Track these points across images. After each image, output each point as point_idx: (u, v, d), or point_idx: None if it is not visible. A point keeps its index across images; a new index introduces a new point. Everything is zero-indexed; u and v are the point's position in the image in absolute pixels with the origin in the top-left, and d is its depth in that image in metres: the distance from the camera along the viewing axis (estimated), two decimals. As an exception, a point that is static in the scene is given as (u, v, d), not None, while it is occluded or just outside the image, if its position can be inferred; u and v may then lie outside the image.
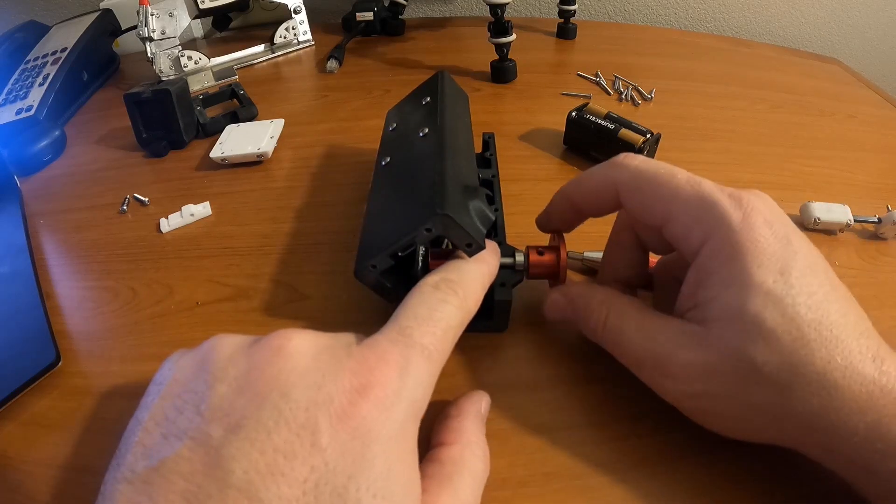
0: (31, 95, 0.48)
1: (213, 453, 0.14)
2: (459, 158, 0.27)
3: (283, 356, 0.16)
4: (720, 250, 0.20)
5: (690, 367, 0.19)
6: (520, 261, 0.26)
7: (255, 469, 0.14)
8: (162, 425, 0.16)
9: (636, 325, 0.22)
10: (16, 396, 0.24)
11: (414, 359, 0.17)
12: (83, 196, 0.39)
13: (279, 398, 0.15)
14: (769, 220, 0.20)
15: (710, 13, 0.78)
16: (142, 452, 0.15)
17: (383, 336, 0.18)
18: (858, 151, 0.45)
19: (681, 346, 0.20)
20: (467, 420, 0.21)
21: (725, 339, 0.19)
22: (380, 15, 0.64)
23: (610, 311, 0.23)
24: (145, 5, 0.51)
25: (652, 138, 0.38)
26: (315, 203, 0.37)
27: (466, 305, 0.21)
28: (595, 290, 0.24)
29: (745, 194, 0.20)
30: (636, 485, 0.21)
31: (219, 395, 0.16)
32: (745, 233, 0.19)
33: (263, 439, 0.14)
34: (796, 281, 0.18)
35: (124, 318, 0.29)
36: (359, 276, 0.25)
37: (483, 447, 0.20)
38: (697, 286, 0.20)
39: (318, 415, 0.15)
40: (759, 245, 0.19)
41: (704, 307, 0.20)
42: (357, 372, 0.16)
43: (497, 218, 0.29)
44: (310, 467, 0.14)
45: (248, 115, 0.47)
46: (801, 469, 0.22)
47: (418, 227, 0.23)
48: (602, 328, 0.23)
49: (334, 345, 0.17)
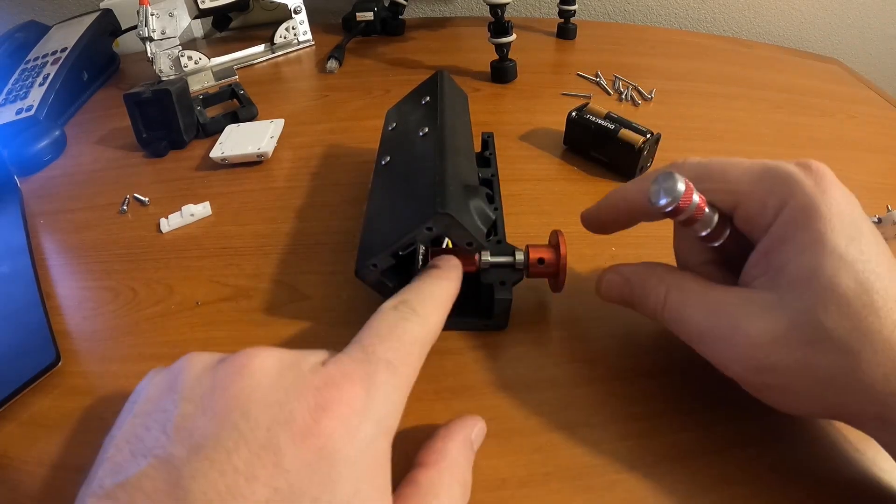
0: (31, 95, 0.48)
1: (175, 473, 0.14)
2: (459, 158, 0.27)
3: (246, 375, 0.16)
4: (795, 216, 0.19)
5: (758, 337, 0.19)
6: (520, 259, 0.26)
7: (214, 490, 0.14)
8: (131, 443, 0.16)
9: (699, 300, 0.21)
10: (16, 396, 0.24)
11: (379, 374, 0.17)
12: (83, 196, 0.39)
13: (239, 417, 0.15)
14: (840, 186, 0.20)
15: (710, 13, 0.78)
16: (111, 469, 0.15)
17: (346, 355, 0.18)
18: (858, 151, 0.45)
19: (748, 314, 0.19)
20: (453, 443, 0.20)
21: (797, 303, 0.18)
22: (380, 15, 0.64)
23: (669, 287, 0.22)
24: (145, 5, 0.51)
25: (652, 138, 0.38)
26: (315, 203, 0.37)
27: (428, 322, 0.20)
28: (652, 267, 0.24)
29: (812, 161, 0.20)
30: (636, 485, 0.21)
31: (183, 415, 0.16)
32: (818, 196, 0.19)
33: (223, 460, 0.14)
34: (866, 248, 0.18)
35: (124, 318, 0.29)
36: (360, 276, 0.25)
37: (465, 473, 0.19)
38: (768, 253, 0.20)
39: (279, 434, 0.15)
40: (832, 209, 0.19)
41: (776, 273, 0.19)
42: (321, 389, 0.16)
43: (497, 217, 0.29)
44: (272, 489, 0.14)
45: (248, 115, 0.47)
46: (803, 470, 0.22)
47: (419, 225, 0.23)
48: (662, 306, 0.22)
49: (299, 363, 0.17)
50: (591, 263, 0.32)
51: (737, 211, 0.21)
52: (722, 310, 0.20)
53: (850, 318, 0.18)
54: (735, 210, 0.21)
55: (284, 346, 0.27)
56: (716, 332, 0.20)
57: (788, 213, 0.20)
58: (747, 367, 0.20)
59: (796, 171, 0.20)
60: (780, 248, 0.20)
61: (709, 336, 0.21)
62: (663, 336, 0.27)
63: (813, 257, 0.18)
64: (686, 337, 0.22)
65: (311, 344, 0.27)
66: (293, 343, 0.28)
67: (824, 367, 0.18)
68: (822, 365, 0.18)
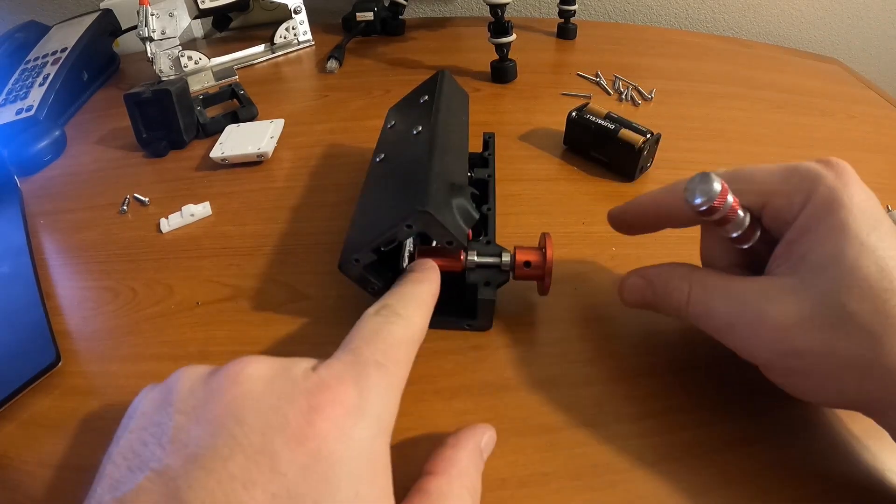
0: (32, 95, 0.48)
1: (172, 484, 0.14)
2: (448, 156, 0.27)
3: (238, 383, 0.16)
4: (818, 208, 0.20)
5: (783, 320, 0.19)
6: (506, 261, 0.26)
7: (212, 499, 0.14)
8: (128, 458, 0.16)
9: (722, 293, 0.22)
10: (16, 396, 0.24)
11: (370, 375, 0.17)
12: (83, 196, 0.39)
13: (234, 424, 0.15)
14: (859, 180, 0.21)
15: (710, 13, 0.78)
16: (109, 485, 0.15)
17: (336, 359, 0.18)
18: (858, 151, 0.45)
19: (772, 299, 0.20)
20: (463, 451, 0.20)
21: (820, 286, 0.19)
22: (380, 15, 0.64)
23: (692, 284, 0.23)
24: (145, 5, 0.51)
25: (652, 138, 0.38)
26: (315, 203, 0.37)
27: (412, 323, 0.21)
28: (673, 267, 0.24)
29: (833, 158, 0.21)
30: (636, 485, 0.21)
31: (178, 427, 0.16)
32: (840, 189, 0.20)
33: (219, 468, 0.14)
34: (886, 237, 0.19)
35: (124, 318, 0.29)
36: (343, 270, 0.25)
37: (474, 481, 0.19)
38: (792, 244, 0.21)
39: (274, 439, 0.15)
40: (854, 200, 0.20)
41: (800, 260, 0.20)
42: (313, 393, 0.16)
43: (489, 217, 0.29)
44: (270, 495, 0.14)
45: (248, 115, 0.47)
46: (804, 469, 0.22)
47: (400, 222, 0.23)
48: (686, 303, 0.23)
49: (290, 369, 0.17)
50: (592, 263, 0.32)
51: (765, 210, 0.22)
52: (746, 297, 0.21)
53: (873, 301, 0.18)
54: (763, 209, 0.22)
55: (285, 345, 0.27)
56: (742, 320, 0.21)
57: (812, 206, 0.20)
58: (774, 352, 0.20)
59: (819, 167, 0.21)
60: (803, 238, 0.20)
61: (735, 325, 0.21)
62: (664, 337, 0.27)
63: (836, 243, 0.19)
64: (713, 330, 0.22)
65: (311, 343, 0.28)
66: (293, 342, 0.28)
67: (848, 350, 0.18)
68: (846, 347, 0.18)
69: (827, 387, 0.20)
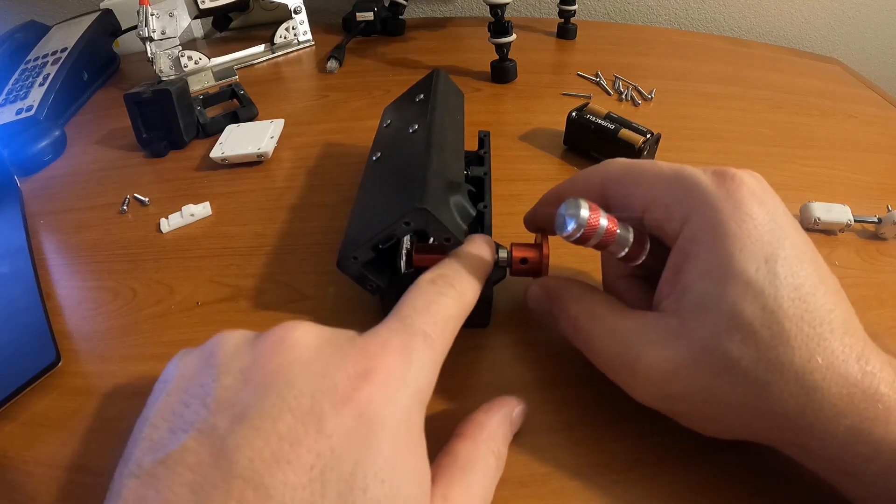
0: (32, 95, 0.48)
1: (219, 444, 0.14)
2: (445, 154, 0.27)
3: (286, 348, 0.16)
4: (701, 231, 0.18)
5: (660, 366, 0.18)
6: (502, 257, 0.26)
7: (259, 457, 0.14)
8: (168, 420, 0.16)
9: (607, 327, 0.21)
10: (16, 396, 0.24)
11: (416, 345, 0.18)
12: (83, 196, 0.39)
13: (283, 387, 0.15)
14: (760, 199, 0.18)
15: (710, 13, 0.78)
16: (149, 447, 0.15)
17: (384, 327, 0.18)
18: (858, 151, 0.45)
19: (650, 343, 0.19)
20: (493, 417, 0.21)
21: (699, 332, 0.18)
22: (380, 15, 0.64)
23: (580, 312, 0.22)
24: (145, 5, 0.51)
25: (652, 138, 0.38)
26: (315, 203, 0.37)
27: (464, 298, 0.21)
28: (571, 285, 0.23)
29: (733, 171, 0.19)
30: (636, 485, 0.21)
31: (224, 388, 0.16)
32: (728, 212, 0.18)
33: (268, 427, 0.14)
34: (782, 270, 0.17)
35: (124, 318, 0.29)
36: (341, 267, 0.25)
37: (501, 448, 0.20)
38: (678, 270, 0.19)
39: (322, 401, 0.15)
40: (744, 227, 0.18)
41: (681, 296, 0.19)
42: (360, 359, 0.16)
43: (485, 215, 0.29)
44: (315, 454, 0.14)
45: (249, 115, 0.47)
46: (804, 470, 0.22)
47: (398, 220, 0.23)
48: (572, 329, 0.22)
49: (337, 336, 0.17)
50: (591, 262, 0.32)
51: (646, 213, 0.21)
52: (626, 338, 0.20)
53: (757, 348, 0.17)
54: (645, 212, 0.21)
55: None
56: (620, 361, 0.20)
57: (692, 226, 0.19)
58: (653, 396, 0.20)
59: (704, 181, 0.19)
60: (686, 264, 0.19)
61: (615, 366, 0.21)
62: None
63: (716, 283, 0.18)
64: (596, 363, 0.22)
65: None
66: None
67: (732, 398, 0.18)
68: (729, 395, 0.18)
69: (718, 427, 0.19)
